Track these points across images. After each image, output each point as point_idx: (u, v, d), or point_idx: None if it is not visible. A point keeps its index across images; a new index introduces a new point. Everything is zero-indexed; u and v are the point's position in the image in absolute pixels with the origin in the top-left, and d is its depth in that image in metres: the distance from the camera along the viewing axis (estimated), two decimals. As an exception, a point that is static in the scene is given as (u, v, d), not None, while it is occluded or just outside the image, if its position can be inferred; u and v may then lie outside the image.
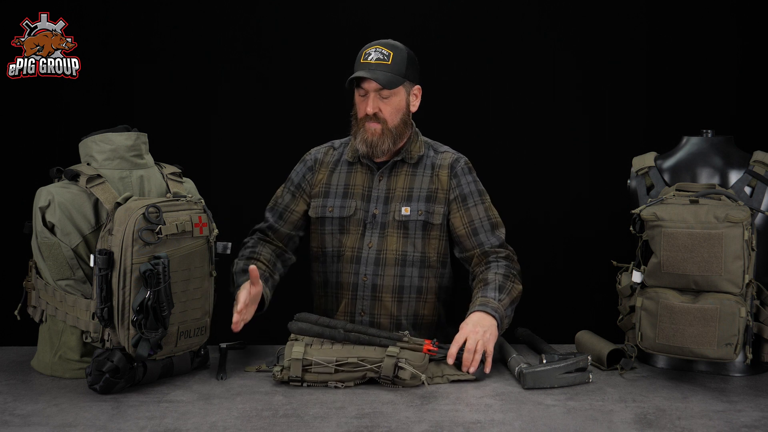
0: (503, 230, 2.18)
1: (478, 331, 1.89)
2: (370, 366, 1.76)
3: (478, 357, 1.86)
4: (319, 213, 2.19)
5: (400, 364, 1.76)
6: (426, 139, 2.27)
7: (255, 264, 2.06)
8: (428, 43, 3.23)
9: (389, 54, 2.12)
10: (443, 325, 2.23)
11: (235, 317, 1.87)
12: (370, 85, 2.11)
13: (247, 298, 1.88)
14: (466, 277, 2.19)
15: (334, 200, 2.19)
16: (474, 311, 1.96)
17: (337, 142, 2.31)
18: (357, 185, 2.20)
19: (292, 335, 1.88)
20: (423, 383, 1.77)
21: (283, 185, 2.27)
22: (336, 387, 1.76)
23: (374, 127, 2.12)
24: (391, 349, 1.79)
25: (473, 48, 3.25)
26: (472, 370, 1.84)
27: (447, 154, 2.23)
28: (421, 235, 2.15)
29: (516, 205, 3.16)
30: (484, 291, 2.02)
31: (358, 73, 2.09)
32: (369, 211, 2.17)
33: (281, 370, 1.76)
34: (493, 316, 1.94)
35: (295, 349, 1.78)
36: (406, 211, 2.15)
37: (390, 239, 2.15)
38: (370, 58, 2.11)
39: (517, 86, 3.26)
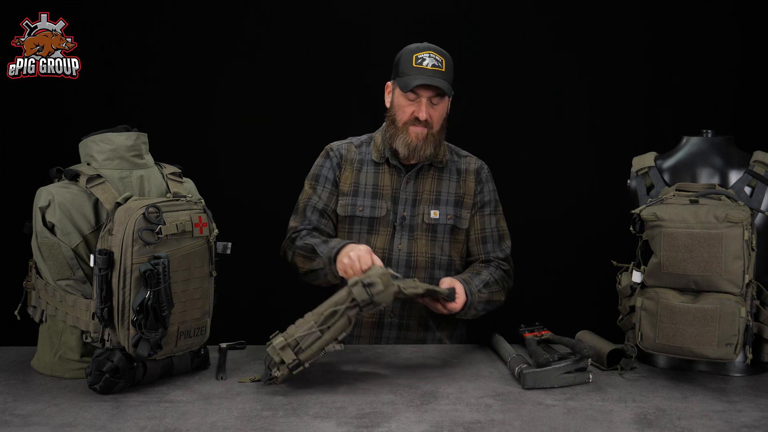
0: (509, 243, 2.26)
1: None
2: (347, 305, 1.72)
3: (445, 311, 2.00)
4: (349, 212, 2.19)
5: (366, 281, 1.73)
6: (446, 143, 2.27)
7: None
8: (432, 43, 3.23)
9: (442, 61, 2.12)
10: (460, 321, 2.26)
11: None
12: (427, 92, 2.10)
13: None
14: None
15: (363, 200, 2.19)
16: (456, 280, 2.05)
17: (355, 140, 2.28)
18: (386, 186, 2.20)
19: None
20: (398, 289, 1.76)
21: (311, 182, 2.23)
22: (336, 348, 1.72)
23: (420, 131, 2.12)
24: (352, 279, 1.77)
25: (474, 48, 3.25)
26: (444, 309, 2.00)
27: (471, 159, 2.28)
28: (448, 238, 2.19)
29: (516, 205, 3.15)
30: (472, 277, 2.11)
31: (425, 81, 2.07)
32: (398, 213, 2.18)
33: (278, 369, 1.71)
34: (466, 296, 2.04)
35: (277, 341, 1.72)
36: (435, 214, 2.18)
37: (419, 242, 2.17)
38: (425, 63, 2.09)
39: (517, 86, 3.26)
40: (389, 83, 2.20)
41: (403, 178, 2.20)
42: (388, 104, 2.21)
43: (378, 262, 1.89)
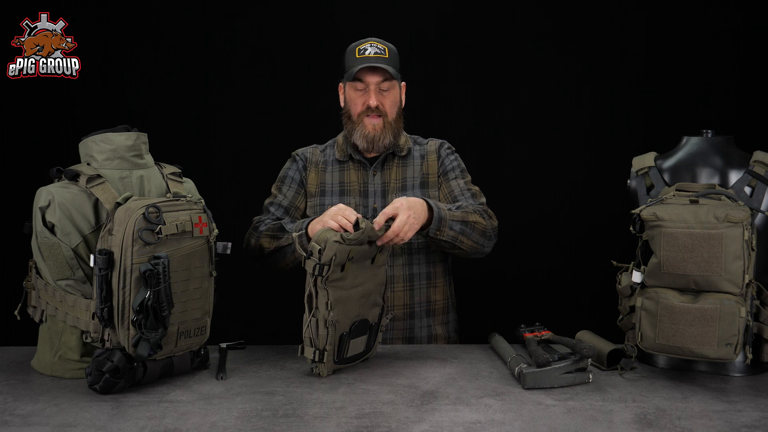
0: (484, 199, 2.21)
1: (410, 214, 1.86)
2: (311, 279, 1.74)
3: (398, 241, 1.85)
4: (318, 211, 2.21)
5: (308, 251, 1.73)
6: (408, 135, 2.31)
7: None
8: (431, 43, 3.24)
9: (384, 49, 2.16)
10: (451, 309, 2.25)
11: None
12: (373, 78, 2.14)
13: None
14: (469, 260, 2.21)
15: (331, 198, 2.21)
16: (397, 200, 1.90)
17: (320, 146, 2.33)
18: (352, 182, 2.22)
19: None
20: (340, 238, 1.73)
21: (278, 184, 2.28)
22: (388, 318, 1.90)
23: (375, 121, 2.16)
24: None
25: (474, 49, 3.25)
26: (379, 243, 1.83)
27: (432, 142, 2.30)
28: None
29: (517, 205, 3.16)
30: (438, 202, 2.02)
31: (367, 64, 2.11)
32: (368, 206, 2.20)
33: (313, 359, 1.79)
34: (431, 208, 1.94)
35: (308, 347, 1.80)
36: None
37: None
38: (367, 52, 2.14)
39: (517, 86, 3.26)
40: (341, 84, 2.24)
41: (368, 172, 2.22)
42: (342, 104, 2.25)
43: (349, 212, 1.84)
